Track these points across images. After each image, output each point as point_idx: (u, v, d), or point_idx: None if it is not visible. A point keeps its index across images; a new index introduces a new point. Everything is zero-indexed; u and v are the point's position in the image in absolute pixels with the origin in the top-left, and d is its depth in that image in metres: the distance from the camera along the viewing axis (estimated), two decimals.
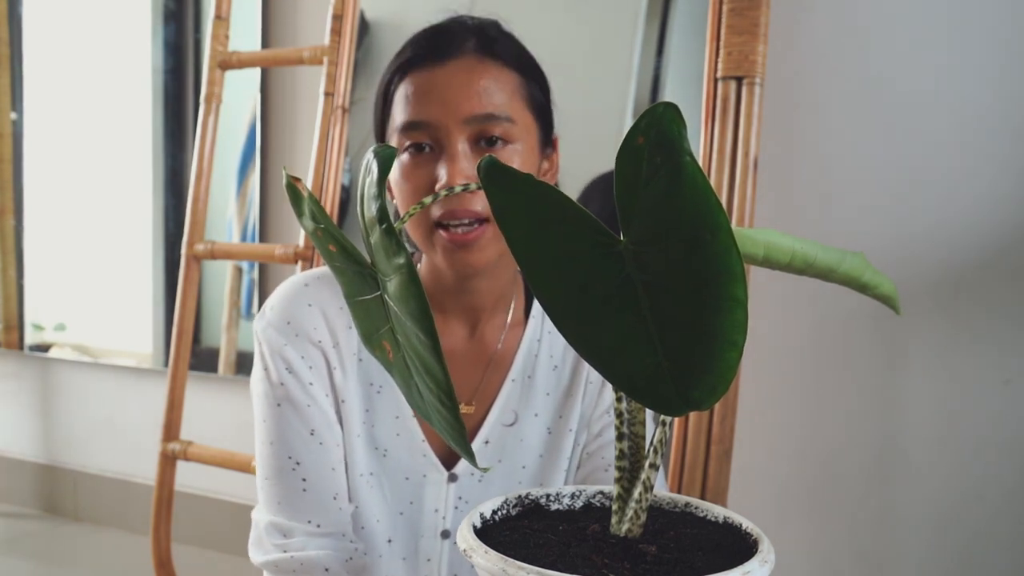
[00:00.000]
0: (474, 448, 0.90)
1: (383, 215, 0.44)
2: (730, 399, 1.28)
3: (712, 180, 1.27)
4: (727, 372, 0.41)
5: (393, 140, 0.86)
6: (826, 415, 1.42)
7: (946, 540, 1.35)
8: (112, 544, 2.22)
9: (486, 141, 0.83)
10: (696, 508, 0.57)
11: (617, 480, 0.52)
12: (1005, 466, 1.31)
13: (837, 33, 1.39)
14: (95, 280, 2.37)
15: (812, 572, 1.44)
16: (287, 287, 0.91)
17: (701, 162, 1.27)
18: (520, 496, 0.57)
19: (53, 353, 2.42)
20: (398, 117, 0.85)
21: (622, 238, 0.41)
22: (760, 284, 1.37)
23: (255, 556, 0.86)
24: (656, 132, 0.38)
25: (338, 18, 1.57)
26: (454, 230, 0.82)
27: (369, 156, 0.47)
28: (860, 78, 1.38)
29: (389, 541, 0.91)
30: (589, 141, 1.53)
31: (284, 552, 0.84)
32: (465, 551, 0.47)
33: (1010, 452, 1.30)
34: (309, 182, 1.57)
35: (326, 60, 1.56)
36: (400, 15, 1.78)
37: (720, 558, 0.49)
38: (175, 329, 1.66)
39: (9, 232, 2.47)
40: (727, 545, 0.51)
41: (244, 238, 2.06)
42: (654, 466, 0.50)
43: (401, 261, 0.43)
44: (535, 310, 0.95)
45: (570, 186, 1.51)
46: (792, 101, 1.42)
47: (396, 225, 0.44)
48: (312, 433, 0.87)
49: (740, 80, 1.28)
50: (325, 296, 0.90)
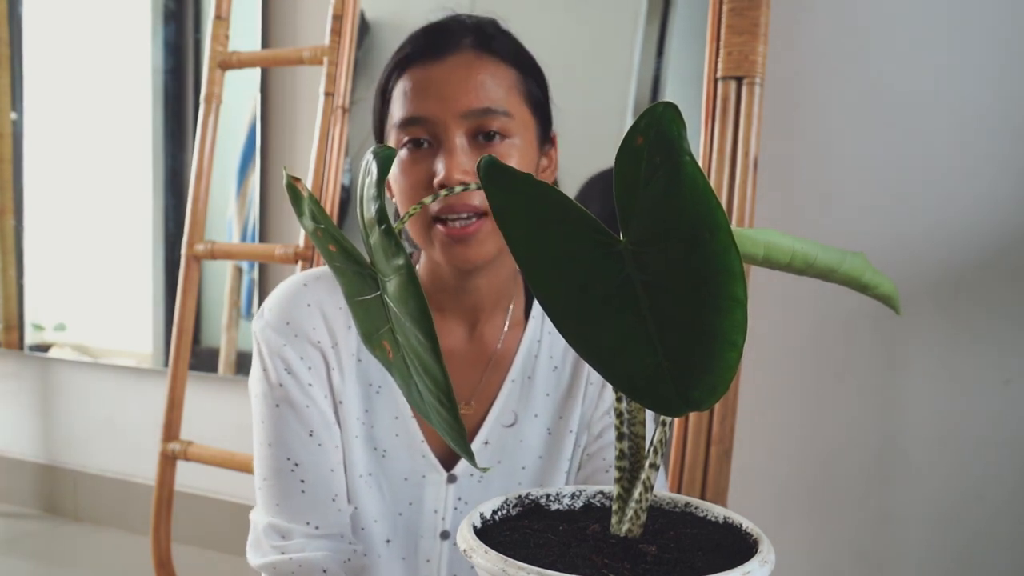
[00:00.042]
0: (473, 449, 0.90)
1: (382, 216, 0.44)
2: (730, 399, 1.28)
3: (712, 180, 1.27)
4: (727, 372, 0.41)
5: (392, 136, 0.86)
6: (826, 415, 1.42)
7: (946, 540, 1.35)
8: (112, 544, 2.22)
9: (484, 136, 0.83)
10: (696, 508, 0.57)
11: (617, 480, 0.52)
12: (1005, 466, 1.31)
13: (837, 33, 1.39)
14: (95, 280, 2.37)
15: (812, 572, 1.44)
16: (286, 287, 0.91)
17: (701, 162, 1.27)
18: (520, 496, 0.57)
19: (53, 353, 2.42)
20: (396, 113, 0.85)
21: (622, 238, 0.41)
22: (760, 284, 1.37)
23: (253, 558, 0.86)
24: (655, 132, 0.38)
25: (338, 18, 1.57)
26: (452, 224, 0.82)
27: (368, 157, 0.47)
28: (860, 78, 1.38)
29: (388, 541, 0.91)
30: (589, 141, 1.53)
31: (282, 554, 0.83)
32: (465, 551, 0.47)
33: (1010, 452, 1.30)
34: (309, 182, 1.57)
35: (326, 60, 1.56)
36: (400, 15, 1.78)
37: (720, 558, 0.49)
38: (175, 329, 1.66)
39: (9, 232, 2.47)
40: (727, 545, 0.51)
41: (244, 238, 2.06)
42: (654, 466, 0.50)
43: (400, 262, 0.43)
44: (535, 310, 0.95)
45: (570, 185, 1.51)
46: (792, 101, 1.42)
47: (395, 226, 0.44)
48: (311, 434, 0.87)
49: (740, 80, 1.28)
50: (324, 296, 0.89)
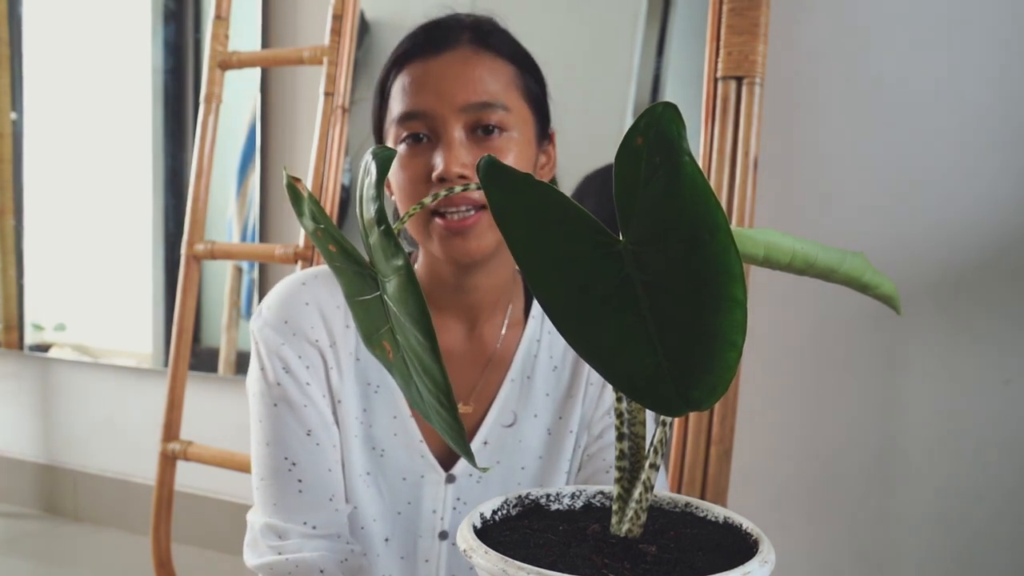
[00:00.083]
0: (472, 449, 0.90)
1: (382, 216, 0.44)
2: (730, 399, 1.28)
3: (712, 180, 1.27)
4: (727, 372, 0.41)
5: (391, 132, 0.86)
6: (826, 415, 1.42)
7: (946, 540, 1.35)
8: (112, 544, 2.22)
9: (482, 130, 0.83)
10: (696, 508, 0.57)
11: (617, 480, 0.52)
12: (1005, 466, 1.31)
13: (837, 33, 1.39)
14: (95, 280, 2.37)
15: (812, 572, 1.44)
16: (284, 286, 0.91)
17: (701, 162, 1.27)
18: (520, 496, 0.57)
19: (53, 353, 2.42)
20: (395, 109, 0.85)
21: (621, 238, 0.41)
22: (760, 284, 1.37)
23: (250, 559, 0.86)
24: (655, 132, 0.38)
25: (338, 18, 1.57)
26: (451, 217, 0.82)
27: (368, 157, 0.47)
28: (860, 78, 1.38)
29: (386, 540, 0.91)
30: (589, 141, 1.53)
31: (279, 554, 0.83)
32: (465, 551, 0.47)
33: (1010, 452, 1.30)
34: (309, 182, 1.57)
35: (326, 60, 1.56)
36: (400, 15, 1.79)
37: (720, 558, 0.49)
38: (175, 329, 1.66)
39: (9, 232, 2.47)
40: (727, 545, 0.51)
41: (244, 238, 2.06)
42: (654, 466, 0.50)
43: (399, 263, 0.43)
44: (535, 310, 0.95)
45: (567, 184, 1.51)
46: (792, 101, 1.42)
47: (395, 226, 0.44)
48: (309, 434, 0.86)
49: (740, 80, 1.28)
50: (322, 295, 0.89)
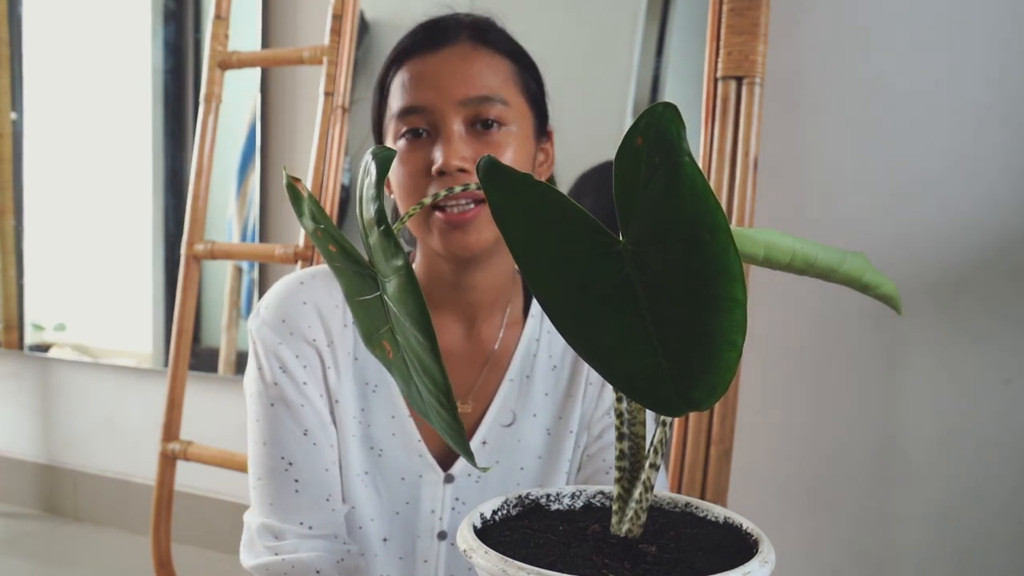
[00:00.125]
0: (471, 448, 0.90)
1: (381, 216, 0.44)
2: (730, 399, 1.28)
3: (712, 180, 1.27)
4: (726, 372, 0.41)
5: (391, 128, 0.86)
6: (826, 415, 1.42)
7: (946, 540, 1.35)
8: (112, 544, 2.22)
9: (481, 124, 0.83)
10: (696, 508, 0.57)
11: (617, 480, 0.52)
12: (1005, 466, 1.31)
13: (837, 33, 1.39)
14: (95, 280, 2.37)
15: (812, 572, 1.44)
16: (282, 285, 0.91)
17: (701, 162, 1.27)
18: (520, 496, 0.57)
19: (53, 353, 2.42)
20: (394, 104, 0.86)
21: (621, 238, 0.41)
22: (760, 284, 1.37)
23: (246, 559, 0.85)
24: (655, 132, 0.38)
25: (338, 18, 1.57)
26: (451, 210, 0.82)
27: (368, 158, 0.47)
28: (860, 78, 1.38)
29: (385, 540, 0.90)
30: (589, 140, 1.53)
31: (275, 555, 0.83)
32: (465, 551, 0.47)
33: (1010, 452, 1.30)
34: (309, 182, 1.56)
35: (326, 60, 1.56)
36: (399, 15, 1.79)
37: (720, 558, 0.49)
38: (175, 329, 1.66)
39: (9, 232, 2.47)
40: (727, 545, 0.51)
41: (244, 238, 2.06)
42: (654, 466, 0.50)
43: (399, 263, 0.43)
44: (534, 309, 0.95)
45: (564, 183, 1.51)
46: (792, 101, 1.41)
47: (395, 227, 0.44)
48: (305, 433, 0.86)
49: (740, 80, 1.28)
50: (320, 294, 0.89)
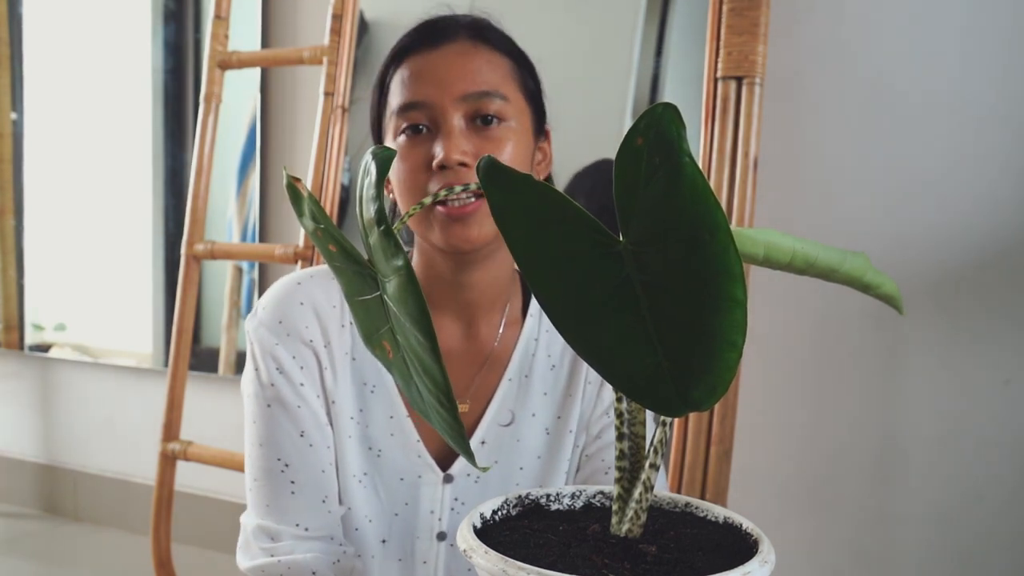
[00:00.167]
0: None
1: (382, 216, 0.44)
2: (730, 399, 1.28)
3: (712, 180, 1.27)
4: (726, 372, 0.41)
5: (391, 125, 0.86)
6: (826, 415, 1.42)
7: (946, 540, 1.35)
8: (112, 544, 2.22)
9: (481, 120, 0.84)
10: (696, 508, 0.57)
11: (617, 480, 0.52)
12: (1005, 466, 1.31)
13: (837, 33, 1.39)
14: (95, 280, 2.37)
15: (812, 572, 1.44)
16: (279, 286, 0.91)
17: (701, 162, 1.27)
18: (520, 496, 0.57)
19: (53, 353, 2.42)
20: (394, 101, 0.86)
21: (621, 238, 0.41)
22: (760, 284, 1.37)
23: (242, 561, 0.86)
24: (655, 133, 0.38)
25: (338, 18, 1.57)
26: (452, 203, 0.82)
27: (368, 157, 0.47)
28: (860, 78, 1.38)
29: (384, 542, 0.90)
30: (588, 140, 1.53)
31: (271, 556, 0.83)
32: (465, 551, 0.47)
33: (1010, 452, 1.30)
34: (309, 182, 1.57)
35: (326, 60, 1.56)
36: (399, 15, 1.79)
37: (720, 558, 0.49)
38: (175, 329, 1.66)
39: (9, 232, 2.47)
40: (727, 545, 0.51)
41: (244, 238, 2.06)
42: (654, 466, 0.50)
43: (400, 263, 0.43)
44: (532, 308, 0.95)
45: (558, 183, 1.51)
46: (792, 101, 1.42)
47: (395, 226, 0.44)
48: (302, 435, 0.86)
49: (740, 80, 1.28)
50: (318, 295, 0.89)
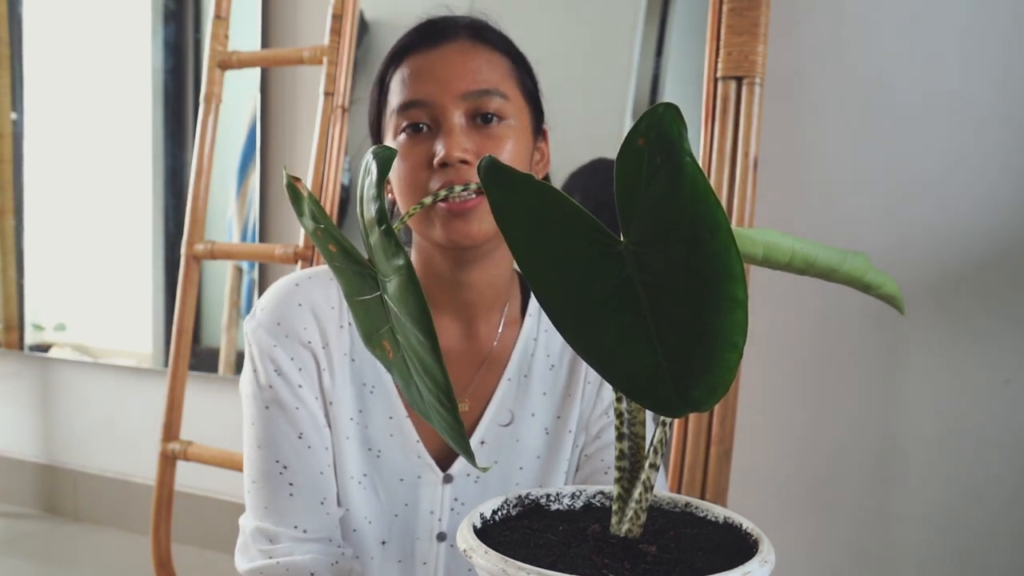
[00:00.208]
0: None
1: (382, 216, 0.44)
2: (730, 399, 1.28)
3: (712, 180, 1.27)
4: (727, 373, 0.41)
5: (391, 124, 0.87)
6: (826, 415, 1.42)
7: (946, 540, 1.35)
8: (112, 544, 2.22)
9: (481, 118, 0.84)
10: (696, 508, 0.57)
11: (617, 480, 0.52)
12: (1005, 466, 1.31)
13: (837, 33, 1.39)
14: (95, 280, 2.37)
15: (812, 572, 1.44)
16: (278, 288, 0.91)
17: (701, 162, 1.27)
18: (520, 496, 0.57)
19: (53, 353, 2.42)
20: (394, 100, 0.86)
21: (622, 238, 0.41)
22: (761, 284, 1.37)
23: (241, 563, 0.86)
24: (656, 133, 0.38)
25: (338, 18, 1.57)
26: (453, 198, 0.82)
27: (368, 157, 0.47)
28: (860, 78, 1.38)
29: (383, 543, 0.90)
30: (589, 140, 1.53)
31: (270, 558, 0.83)
32: (465, 551, 0.47)
33: (1010, 452, 1.30)
34: (309, 182, 1.57)
35: (326, 60, 1.56)
36: (399, 15, 1.79)
37: (720, 558, 0.49)
38: (175, 329, 1.66)
39: (9, 232, 2.47)
40: (727, 545, 0.51)
41: (244, 238, 2.06)
42: (654, 466, 0.50)
43: (400, 262, 0.43)
44: (531, 308, 0.95)
45: (554, 183, 1.51)
46: (792, 101, 1.42)
47: (395, 226, 0.44)
48: (300, 436, 0.86)
49: (740, 80, 1.28)
50: (316, 296, 0.89)
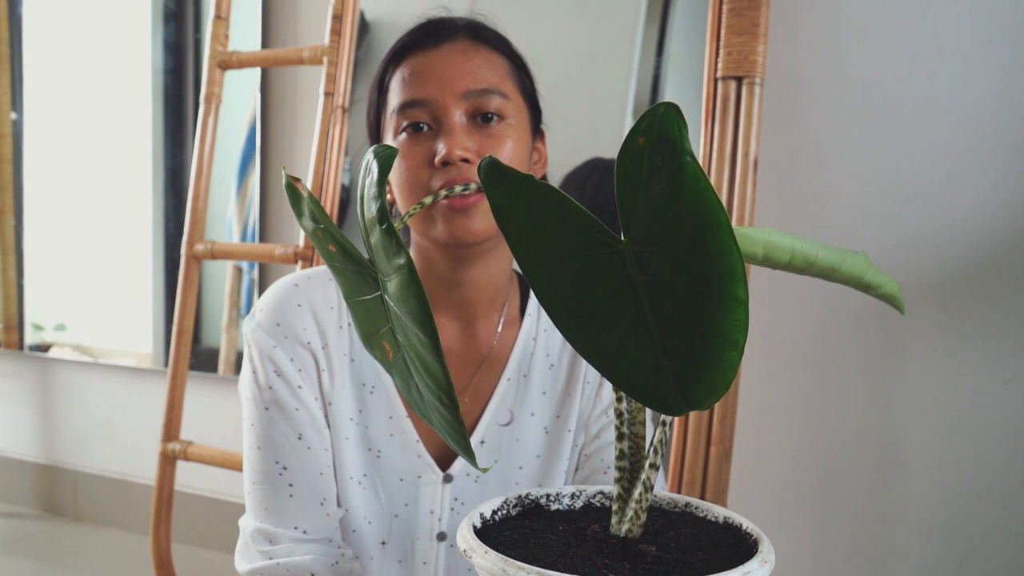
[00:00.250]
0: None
1: (383, 215, 0.44)
2: (730, 399, 1.28)
3: (712, 180, 1.27)
4: (728, 372, 0.41)
5: (390, 125, 0.87)
6: (826, 415, 1.42)
7: (947, 540, 1.35)
8: (112, 544, 2.22)
9: (482, 117, 0.84)
10: (696, 508, 0.57)
11: (617, 480, 0.52)
12: (1006, 466, 1.31)
13: (837, 33, 1.39)
14: (95, 280, 2.37)
15: (812, 571, 1.44)
16: (277, 288, 0.91)
17: (701, 162, 1.27)
18: (520, 496, 0.57)
19: (53, 353, 2.42)
20: (395, 100, 0.86)
21: (622, 238, 0.41)
22: (761, 283, 1.37)
23: (241, 565, 0.86)
24: (657, 133, 0.38)
25: (338, 18, 1.57)
26: (453, 198, 0.82)
27: (369, 156, 0.47)
28: (860, 78, 1.38)
29: (383, 543, 0.90)
30: (589, 141, 1.53)
31: (270, 559, 0.83)
32: (465, 551, 0.47)
33: (1011, 452, 1.30)
34: (309, 182, 1.57)
35: (326, 60, 1.56)
36: (399, 15, 1.78)
37: (720, 558, 0.49)
38: (175, 329, 1.66)
39: (9, 232, 2.47)
40: (727, 545, 0.51)
41: (244, 238, 2.06)
42: (654, 466, 0.50)
43: (401, 261, 0.43)
44: (530, 307, 0.95)
45: (554, 183, 1.51)
46: (792, 101, 1.42)
47: (397, 224, 0.44)
48: (300, 437, 0.86)
49: (740, 80, 1.28)
50: (315, 297, 0.89)
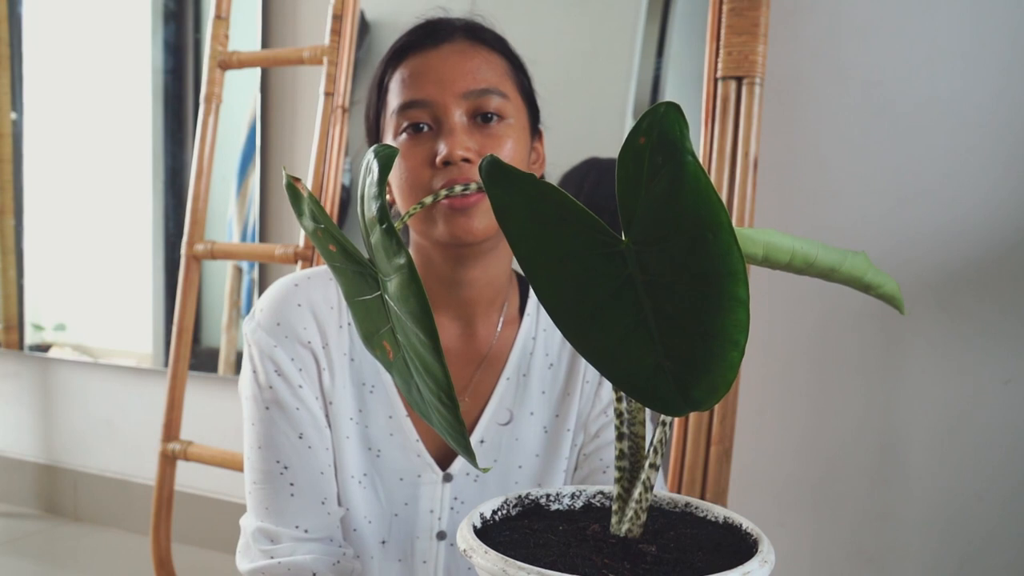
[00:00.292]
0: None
1: (384, 215, 0.44)
2: (730, 399, 1.28)
3: (712, 180, 1.27)
4: (728, 372, 0.41)
5: (390, 126, 0.87)
6: (826, 415, 1.42)
7: (947, 540, 1.35)
8: (112, 544, 2.22)
9: (482, 117, 0.85)
10: (696, 508, 0.57)
11: (617, 480, 0.52)
12: (1006, 466, 1.31)
13: (837, 33, 1.39)
14: (95, 280, 2.37)
15: (812, 571, 1.44)
16: (277, 288, 0.91)
17: (701, 162, 1.27)
18: (520, 496, 0.57)
19: (53, 353, 2.42)
20: (394, 101, 0.86)
21: (623, 238, 0.41)
22: (761, 283, 1.37)
23: (242, 564, 0.86)
24: (658, 132, 0.38)
25: (338, 18, 1.57)
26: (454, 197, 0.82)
27: (369, 156, 0.47)
28: (860, 78, 1.38)
29: (383, 543, 0.91)
30: (589, 140, 1.53)
31: (271, 558, 0.83)
32: (465, 551, 0.47)
33: (1011, 452, 1.30)
34: (309, 182, 1.57)
35: (326, 60, 1.56)
36: (400, 15, 1.78)
37: (720, 558, 0.49)
38: (175, 329, 1.66)
39: (9, 232, 2.47)
40: (727, 545, 0.51)
41: (244, 238, 2.06)
42: (654, 466, 0.50)
43: (402, 261, 0.43)
44: (530, 307, 0.96)
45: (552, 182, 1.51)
46: (792, 101, 1.42)
47: (397, 224, 0.44)
48: (301, 437, 0.87)
49: (740, 80, 1.28)
50: (315, 296, 0.90)
